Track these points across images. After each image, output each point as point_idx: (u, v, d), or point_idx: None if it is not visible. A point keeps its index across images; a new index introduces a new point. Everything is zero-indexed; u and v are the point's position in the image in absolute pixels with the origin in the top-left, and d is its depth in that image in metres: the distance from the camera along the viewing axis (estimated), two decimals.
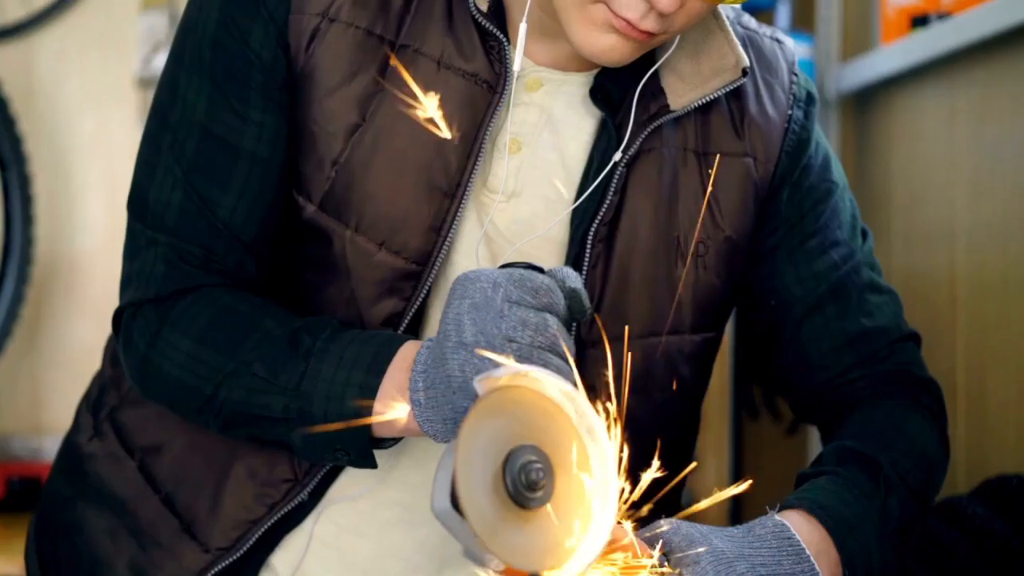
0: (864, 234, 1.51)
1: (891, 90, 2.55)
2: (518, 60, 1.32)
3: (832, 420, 1.46)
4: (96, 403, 1.49)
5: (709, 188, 1.40)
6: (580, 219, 1.36)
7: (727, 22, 1.40)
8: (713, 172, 1.40)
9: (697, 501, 1.22)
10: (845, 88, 2.76)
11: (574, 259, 1.36)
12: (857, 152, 2.75)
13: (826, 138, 1.50)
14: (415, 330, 1.35)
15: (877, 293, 1.49)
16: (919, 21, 2.44)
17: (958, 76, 2.22)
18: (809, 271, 1.46)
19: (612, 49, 1.27)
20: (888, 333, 1.47)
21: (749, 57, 1.43)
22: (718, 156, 1.41)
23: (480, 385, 1.07)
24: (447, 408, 1.17)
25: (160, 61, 3.16)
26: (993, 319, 2.08)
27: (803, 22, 2.97)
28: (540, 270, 1.18)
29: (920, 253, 2.37)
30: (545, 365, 1.13)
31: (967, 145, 2.18)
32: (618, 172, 1.36)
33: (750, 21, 1.49)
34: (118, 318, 1.37)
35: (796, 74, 1.48)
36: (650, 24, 1.24)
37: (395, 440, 1.27)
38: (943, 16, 2.36)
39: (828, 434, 1.47)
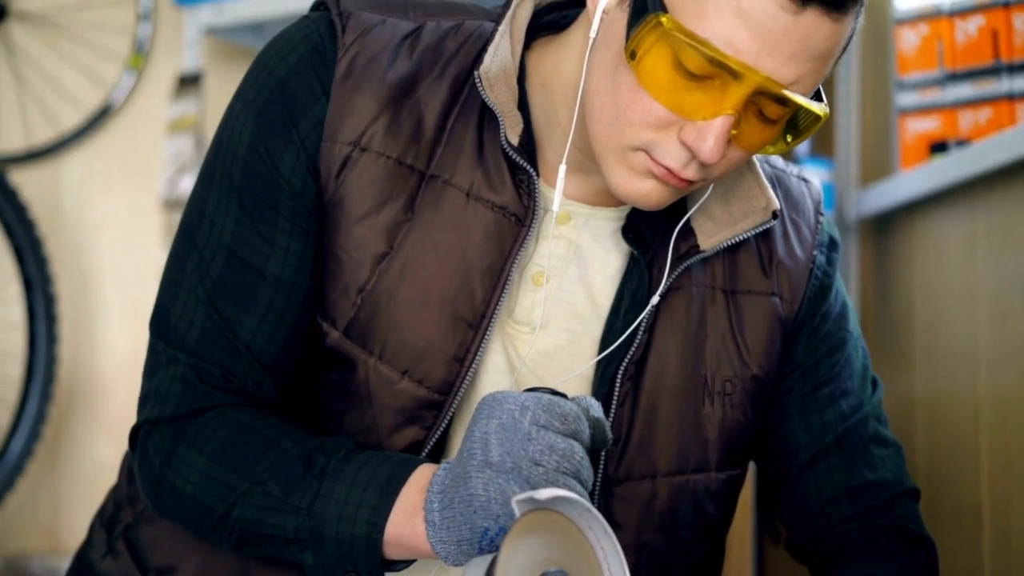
0: (874, 384, 1.52)
1: (911, 215, 2.56)
2: (557, 201, 1.32)
3: (826, 568, 1.47)
4: (111, 519, 1.48)
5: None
6: (609, 357, 1.36)
7: (757, 164, 1.41)
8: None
9: None
10: (865, 212, 2.77)
11: (603, 397, 1.36)
12: (878, 276, 2.75)
13: (846, 262, 1.51)
14: (435, 460, 1.34)
15: (882, 446, 1.49)
16: (938, 147, 2.45)
17: (978, 202, 2.23)
18: (818, 419, 1.47)
19: (650, 194, 1.28)
20: (889, 487, 1.48)
21: (777, 196, 1.44)
22: (747, 295, 1.42)
23: (518, 504, 1.07)
24: (465, 528, 1.16)
25: (185, 184, 3.19)
26: (1017, 441, 2.06)
27: (822, 147, 2.99)
28: (564, 396, 1.18)
29: (943, 376, 2.36)
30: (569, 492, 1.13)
31: (988, 270, 2.18)
32: (646, 310, 1.36)
33: (777, 160, 1.50)
34: (135, 435, 1.37)
35: (822, 214, 1.49)
36: (691, 173, 1.25)
37: (407, 562, 1.27)
38: (962, 143, 2.37)
39: None
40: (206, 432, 1.31)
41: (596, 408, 1.20)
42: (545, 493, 1.07)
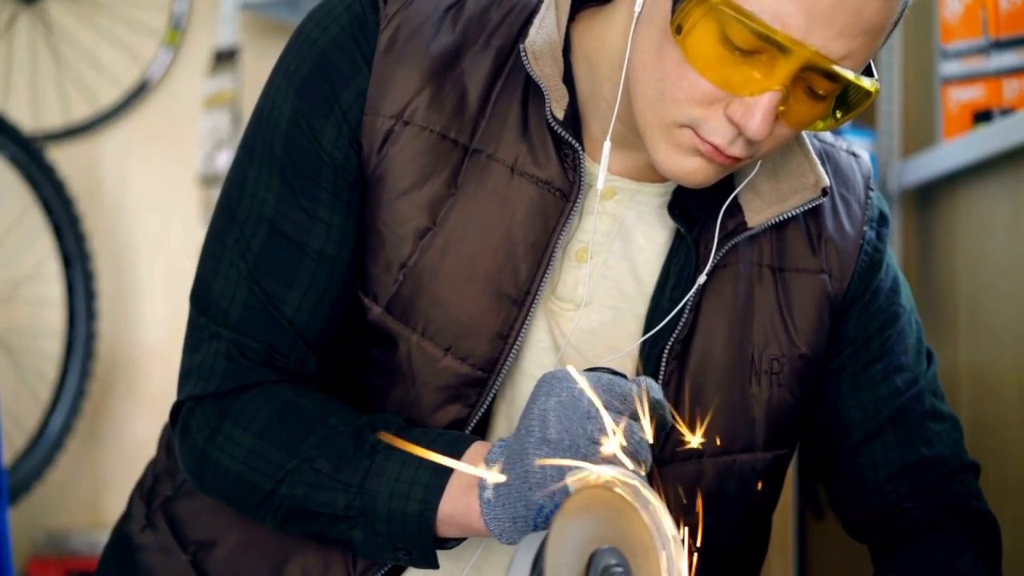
0: (929, 357, 1.49)
1: (954, 185, 2.54)
2: (602, 178, 1.30)
3: (883, 547, 1.45)
4: (150, 492, 1.48)
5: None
6: (655, 335, 1.34)
7: (807, 140, 1.39)
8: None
9: None
10: (907, 183, 2.75)
11: (649, 376, 1.34)
12: (921, 247, 2.73)
13: (890, 233, 1.49)
14: (479, 437, 1.33)
15: (938, 421, 1.47)
16: (982, 116, 2.42)
17: (1023, 171, 2.20)
18: (871, 396, 1.44)
19: (696, 172, 1.26)
20: (946, 463, 1.45)
21: (826, 172, 1.42)
22: (795, 273, 1.40)
23: (573, 482, 1.07)
24: (520, 505, 1.15)
25: (222, 159, 3.20)
26: None
27: (865, 118, 2.96)
28: (624, 376, 1.17)
29: (987, 349, 2.34)
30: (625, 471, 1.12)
31: None
32: (694, 288, 1.35)
33: (826, 135, 1.47)
34: (176, 411, 1.37)
35: (872, 189, 1.46)
36: (737, 150, 1.23)
37: (458, 540, 1.26)
38: (1006, 112, 2.34)
39: (878, 560, 1.46)
40: (252, 409, 1.30)
41: (656, 390, 1.18)
42: (597, 471, 1.06)
